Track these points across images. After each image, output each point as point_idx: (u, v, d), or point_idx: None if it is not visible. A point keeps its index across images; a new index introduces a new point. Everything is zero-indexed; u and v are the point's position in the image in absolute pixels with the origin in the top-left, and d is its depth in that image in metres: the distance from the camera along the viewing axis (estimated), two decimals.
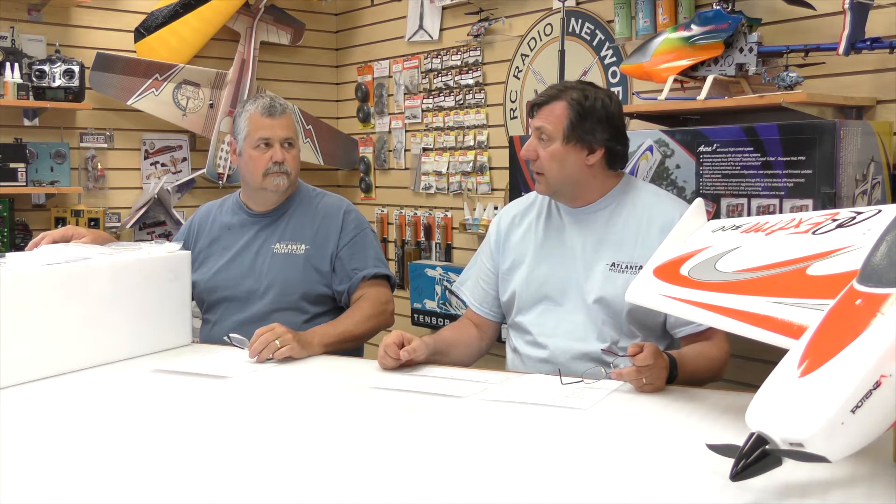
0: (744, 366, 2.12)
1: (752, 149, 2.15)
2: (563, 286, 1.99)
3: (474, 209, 3.66)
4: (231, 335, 2.10)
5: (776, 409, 1.05)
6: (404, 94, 4.06)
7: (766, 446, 1.04)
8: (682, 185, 2.30)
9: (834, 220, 1.43)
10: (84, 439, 1.43)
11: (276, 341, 1.96)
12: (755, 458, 1.04)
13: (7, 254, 1.93)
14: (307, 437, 1.42)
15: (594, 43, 3.11)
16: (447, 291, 3.67)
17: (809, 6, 2.31)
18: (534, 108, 2.01)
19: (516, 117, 3.50)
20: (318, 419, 1.53)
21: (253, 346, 1.96)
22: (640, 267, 1.85)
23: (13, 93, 3.43)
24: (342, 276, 2.33)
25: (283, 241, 2.35)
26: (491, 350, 2.20)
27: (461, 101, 3.75)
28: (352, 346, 2.20)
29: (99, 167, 3.82)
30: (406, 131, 4.08)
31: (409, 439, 1.40)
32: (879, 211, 1.38)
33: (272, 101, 2.35)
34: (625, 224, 1.97)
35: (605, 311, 1.92)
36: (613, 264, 1.94)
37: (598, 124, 1.95)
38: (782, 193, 2.10)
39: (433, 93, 3.90)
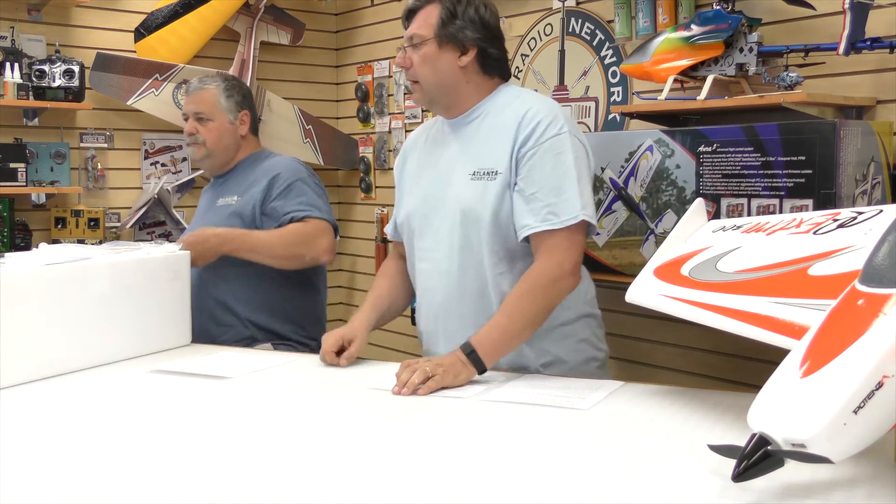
0: (745, 366, 2.12)
1: (752, 149, 2.14)
2: (435, 205, 1.98)
3: None
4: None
5: (778, 409, 1.05)
6: (404, 93, 4.05)
7: (768, 447, 1.03)
8: (682, 185, 2.30)
9: (835, 221, 1.43)
10: (83, 440, 1.43)
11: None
12: (757, 458, 1.03)
13: (7, 254, 1.93)
14: (307, 437, 1.42)
15: (594, 43, 3.11)
16: None
17: (809, 6, 2.30)
18: (408, 15, 2.00)
19: None
20: (318, 420, 1.53)
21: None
22: (497, 172, 1.88)
23: (13, 93, 3.42)
24: (273, 223, 2.48)
25: (223, 196, 2.61)
26: None
27: None
28: (266, 263, 2.41)
29: (99, 167, 3.81)
30: (406, 131, 4.08)
31: (410, 440, 1.40)
32: (881, 211, 1.38)
33: (195, 80, 2.68)
34: (489, 130, 1.95)
35: (468, 224, 1.91)
36: (474, 173, 1.92)
37: (469, 23, 1.94)
38: (782, 193, 2.09)
39: None
